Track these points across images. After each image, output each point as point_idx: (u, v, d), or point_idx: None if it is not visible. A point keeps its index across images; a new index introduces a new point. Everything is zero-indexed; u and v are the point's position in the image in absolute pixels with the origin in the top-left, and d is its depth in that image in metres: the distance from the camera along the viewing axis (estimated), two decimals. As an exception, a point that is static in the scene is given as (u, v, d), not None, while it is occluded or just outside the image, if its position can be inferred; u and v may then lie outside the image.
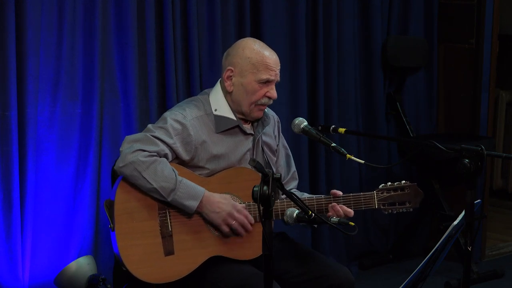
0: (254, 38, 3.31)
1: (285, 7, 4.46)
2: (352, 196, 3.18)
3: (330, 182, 4.67)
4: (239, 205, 3.09)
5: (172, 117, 3.14)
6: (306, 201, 3.16)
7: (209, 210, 3.06)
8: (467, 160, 2.74)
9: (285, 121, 4.08)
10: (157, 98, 3.94)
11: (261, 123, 3.28)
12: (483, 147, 2.75)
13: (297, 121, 3.21)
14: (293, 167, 3.45)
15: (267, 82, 3.18)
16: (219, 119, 3.19)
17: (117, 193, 3.06)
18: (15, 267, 3.54)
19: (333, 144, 3.10)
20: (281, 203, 3.12)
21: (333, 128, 3.18)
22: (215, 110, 3.20)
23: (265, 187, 2.49)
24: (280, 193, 3.05)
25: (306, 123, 3.20)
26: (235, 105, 3.20)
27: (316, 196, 3.21)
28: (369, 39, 4.92)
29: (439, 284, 4.63)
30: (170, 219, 3.09)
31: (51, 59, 3.62)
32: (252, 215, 3.13)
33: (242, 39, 3.30)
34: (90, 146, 3.73)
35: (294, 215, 2.84)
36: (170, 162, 3.11)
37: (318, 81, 4.62)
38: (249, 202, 3.12)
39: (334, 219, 2.85)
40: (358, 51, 4.88)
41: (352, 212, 3.15)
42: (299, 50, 4.51)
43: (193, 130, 3.14)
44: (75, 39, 3.67)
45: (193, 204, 3.04)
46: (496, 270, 4.87)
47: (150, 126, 3.15)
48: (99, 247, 3.81)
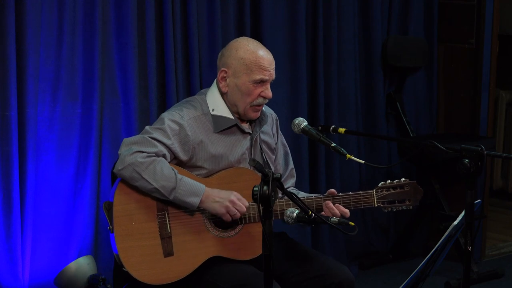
0: (248, 38, 3.29)
1: (285, 7, 4.46)
2: (352, 194, 3.17)
3: (330, 182, 4.67)
4: (240, 195, 3.08)
5: (170, 118, 3.14)
6: (305, 200, 3.16)
7: (210, 202, 3.06)
8: (467, 160, 2.74)
9: (285, 121, 4.09)
10: (157, 98, 3.94)
11: (258, 122, 3.27)
12: (483, 147, 2.75)
13: (297, 121, 3.21)
14: (291, 165, 3.44)
15: (262, 82, 3.16)
16: (217, 118, 3.19)
17: (115, 195, 3.06)
18: (15, 267, 3.54)
19: (333, 144, 3.10)
20: (281, 203, 3.12)
21: (333, 128, 3.18)
22: (213, 110, 3.20)
23: (265, 187, 2.49)
24: (279, 193, 3.05)
25: (306, 123, 3.20)
26: (231, 105, 3.20)
27: (315, 195, 3.21)
28: (369, 39, 4.92)
29: (439, 284, 4.63)
30: (169, 220, 3.08)
31: (51, 59, 3.62)
32: (252, 215, 3.12)
33: (235, 39, 3.28)
34: (90, 146, 3.73)
35: (294, 215, 2.84)
36: (169, 163, 3.10)
37: (318, 81, 4.62)
38: (248, 202, 3.12)
39: (334, 219, 2.85)
40: (358, 51, 4.88)
41: (348, 212, 3.14)
42: (299, 50, 4.51)
43: (191, 130, 3.13)
44: (75, 39, 3.67)
45: (195, 200, 3.04)
46: (496, 270, 4.87)
47: (147, 127, 3.14)
48: (99, 247, 3.81)
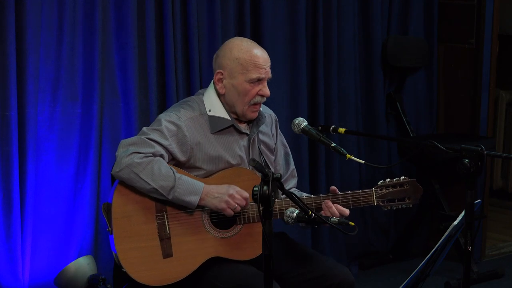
0: (242, 37, 3.28)
1: (285, 7, 4.46)
2: (351, 193, 3.17)
3: (330, 182, 4.67)
4: (239, 188, 3.07)
5: (167, 119, 3.13)
6: (305, 200, 3.15)
7: (210, 198, 3.05)
8: (467, 160, 2.74)
9: (285, 121, 4.09)
10: (157, 98, 3.94)
11: (256, 123, 3.26)
12: (483, 147, 2.75)
13: (297, 121, 3.21)
14: (292, 165, 3.44)
15: (258, 80, 3.16)
16: (214, 119, 3.18)
17: (114, 197, 3.06)
18: (15, 267, 3.54)
19: (333, 144, 3.10)
20: (280, 203, 3.12)
21: (333, 128, 3.18)
22: (209, 111, 3.19)
23: (265, 187, 2.49)
24: (279, 193, 3.05)
25: (306, 123, 3.19)
26: (229, 106, 3.20)
27: (314, 196, 3.20)
28: (369, 39, 4.92)
29: (439, 284, 4.63)
30: (168, 222, 3.08)
31: (51, 59, 3.62)
32: (252, 215, 3.12)
33: (229, 40, 3.26)
34: (90, 146, 3.73)
35: (294, 215, 2.84)
36: (167, 163, 3.10)
37: (318, 81, 4.62)
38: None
39: (334, 219, 2.85)
40: (358, 51, 4.88)
41: (348, 211, 3.14)
42: (299, 50, 4.51)
43: (188, 131, 3.13)
44: (75, 39, 3.67)
45: (194, 199, 3.04)
46: (496, 270, 4.87)
47: (145, 129, 3.14)
48: (99, 247, 3.81)
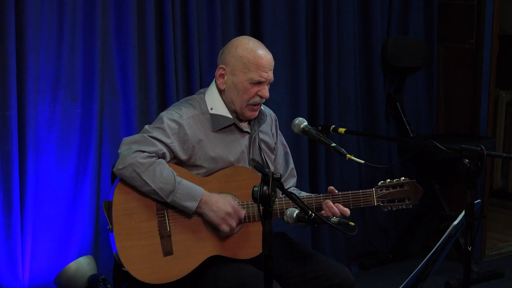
0: (250, 37, 3.28)
1: (285, 7, 4.47)
2: (351, 193, 3.16)
3: (330, 182, 4.67)
4: (236, 204, 3.09)
5: (169, 117, 3.14)
6: (305, 199, 3.16)
7: (208, 209, 3.06)
8: (467, 160, 2.74)
9: (285, 121, 4.09)
10: (157, 98, 3.94)
11: (257, 121, 3.27)
12: (483, 147, 2.75)
13: (297, 121, 3.21)
14: (291, 164, 3.44)
15: (259, 83, 3.16)
16: (215, 117, 3.19)
17: (115, 194, 3.06)
18: (15, 267, 3.54)
19: (333, 144, 3.10)
20: (280, 202, 3.12)
21: (333, 128, 3.18)
22: (211, 109, 3.20)
23: (265, 187, 2.49)
24: (279, 193, 3.05)
25: (306, 123, 3.19)
26: (229, 103, 3.20)
27: (314, 194, 3.20)
28: (369, 39, 4.92)
29: (439, 284, 4.63)
30: (168, 220, 3.08)
31: (51, 59, 3.62)
32: (251, 215, 3.13)
33: (237, 37, 3.28)
34: (90, 146, 3.73)
35: (294, 215, 2.84)
36: (168, 163, 3.10)
37: (318, 81, 4.62)
38: (248, 202, 3.12)
39: (334, 219, 2.85)
40: (358, 51, 4.88)
41: (349, 211, 3.14)
42: (299, 50, 4.51)
43: (190, 129, 3.13)
44: (75, 39, 3.67)
45: (192, 205, 3.04)
46: (496, 270, 4.87)
47: (147, 127, 3.15)
48: (99, 247, 3.81)
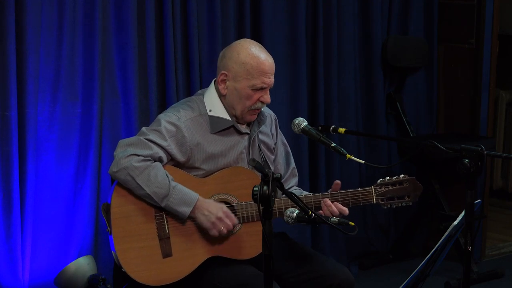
0: (251, 40, 3.25)
1: (285, 7, 4.46)
2: (350, 192, 3.16)
3: (330, 182, 4.64)
4: (229, 212, 3.07)
5: (166, 119, 3.13)
6: (303, 198, 3.15)
7: (200, 213, 3.05)
8: (467, 160, 2.74)
9: (285, 121, 4.09)
10: (157, 98, 3.94)
11: (257, 122, 3.26)
12: (483, 147, 2.75)
13: (297, 121, 3.21)
14: (293, 164, 3.44)
15: (261, 89, 3.15)
16: (214, 119, 3.18)
17: (113, 197, 3.06)
18: (15, 267, 3.54)
19: (333, 144, 3.10)
20: (279, 203, 3.12)
21: (333, 128, 3.18)
22: (210, 111, 3.19)
23: (265, 187, 2.49)
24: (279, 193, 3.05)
25: (306, 123, 3.19)
26: (229, 107, 3.20)
27: (314, 194, 3.20)
28: (369, 39, 4.92)
29: (439, 284, 4.63)
30: (167, 221, 3.08)
31: (51, 59, 3.62)
32: (250, 214, 3.12)
33: (238, 41, 3.24)
34: (90, 146, 3.73)
35: (294, 215, 2.84)
36: (165, 164, 3.10)
37: (318, 81, 4.62)
38: (246, 202, 3.12)
39: (334, 219, 2.85)
40: (358, 51, 4.88)
41: (347, 211, 3.13)
42: (299, 50, 4.51)
43: (188, 131, 3.13)
44: (75, 39, 3.67)
45: (186, 210, 3.03)
46: (496, 270, 4.87)
47: (144, 129, 3.13)
48: (99, 247, 3.81)
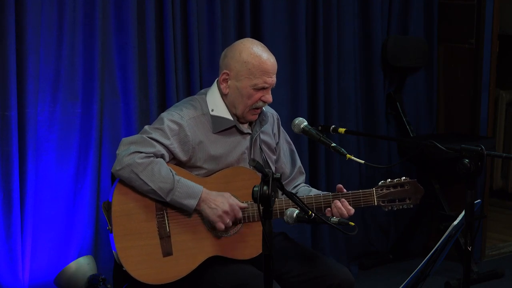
0: (253, 40, 3.26)
1: (285, 7, 4.46)
2: (351, 193, 3.16)
3: (330, 182, 4.68)
4: (235, 204, 3.08)
5: (169, 118, 3.13)
6: (312, 199, 3.15)
7: (206, 206, 3.06)
8: (467, 160, 2.74)
9: (285, 121, 4.07)
10: (157, 98, 3.94)
11: (258, 122, 3.26)
12: (483, 147, 2.75)
13: (297, 121, 3.21)
14: (298, 162, 3.43)
15: (263, 89, 3.15)
16: (216, 119, 3.18)
17: (114, 195, 3.06)
18: (15, 267, 3.54)
19: (333, 144, 3.10)
20: (280, 203, 3.12)
21: (333, 128, 3.18)
22: (212, 110, 3.19)
23: (265, 187, 2.49)
24: (280, 193, 3.05)
25: (306, 123, 3.20)
26: (230, 106, 3.20)
27: (323, 193, 3.20)
28: (369, 39, 4.92)
29: (439, 284, 4.63)
30: (168, 220, 3.08)
31: (51, 59, 3.62)
32: (251, 215, 3.12)
33: (241, 41, 3.24)
34: (90, 146, 3.73)
35: (294, 215, 2.84)
36: (167, 163, 3.10)
37: (318, 81, 4.62)
38: (247, 202, 3.12)
39: (334, 219, 2.85)
40: (358, 51, 4.88)
41: (353, 210, 3.13)
42: (299, 50, 4.51)
43: (190, 130, 3.13)
44: (75, 39, 3.67)
45: (192, 202, 3.04)
46: (496, 270, 4.87)
47: (146, 127, 3.14)
48: (99, 247, 3.81)
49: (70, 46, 3.66)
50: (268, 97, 3.17)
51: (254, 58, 3.13)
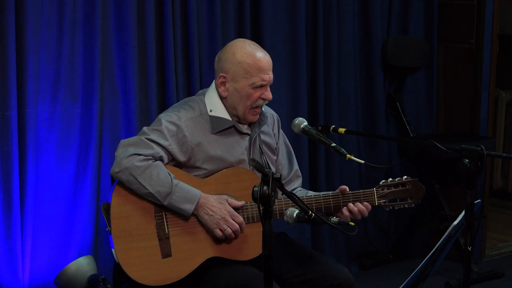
0: (244, 39, 3.25)
1: (285, 7, 4.46)
2: (352, 193, 3.16)
3: (330, 182, 4.68)
4: (234, 211, 3.08)
5: (167, 119, 3.13)
6: (313, 199, 3.15)
7: (203, 212, 3.06)
8: (467, 160, 2.74)
9: (285, 121, 4.08)
10: (157, 98, 3.94)
11: (257, 123, 3.26)
12: (483, 147, 2.75)
13: (297, 121, 3.21)
14: (296, 165, 3.42)
15: (261, 86, 3.14)
16: (215, 119, 3.18)
17: (113, 197, 3.06)
18: (15, 267, 3.54)
19: (333, 144, 3.10)
20: (279, 203, 3.12)
21: (333, 128, 3.18)
22: (210, 111, 3.18)
23: (265, 187, 2.49)
24: (280, 193, 3.05)
25: (306, 123, 3.19)
26: (231, 108, 3.19)
27: (323, 193, 3.19)
28: (369, 39, 4.92)
29: (439, 284, 4.63)
30: (166, 221, 3.08)
31: (51, 59, 3.62)
32: (251, 215, 3.12)
33: (232, 42, 3.23)
34: (90, 146, 3.73)
35: (294, 215, 2.84)
36: (166, 165, 3.10)
37: (318, 81, 4.62)
38: (247, 202, 3.12)
39: (334, 219, 2.84)
40: (358, 51, 4.88)
41: (370, 206, 3.13)
42: (299, 50, 4.51)
43: (188, 131, 3.12)
44: (75, 39, 3.67)
45: (189, 207, 3.04)
46: (496, 270, 4.87)
47: (145, 129, 3.13)
48: (99, 247, 3.81)
49: (70, 46, 3.66)
50: (268, 94, 3.16)
51: (249, 57, 3.12)
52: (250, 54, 3.13)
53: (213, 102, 3.20)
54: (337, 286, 3.11)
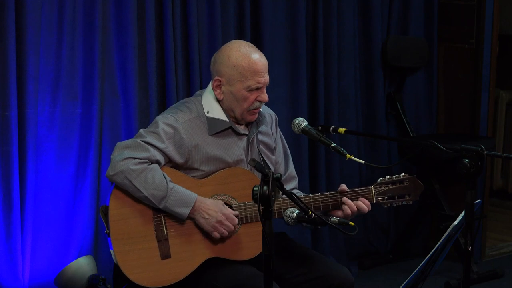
0: (240, 41, 3.23)
1: (285, 7, 4.46)
2: (349, 191, 3.15)
3: (330, 182, 4.67)
4: (229, 212, 3.08)
5: (164, 121, 3.12)
6: (311, 198, 3.14)
7: (200, 216, 3.05)
8: (467, 160, 2.74)
9: (285, 121, 4.09)
10: (157, 98, 3.94)
11: (255, 123, 3.24)
12: (483, 147, 2.75)
13: (297, 121, 3.20)
14: (291, 166, 3.41)
15: (257, 89, 3.13)
16: (212, 121, 3.17)
17: (111, 199, 3.06)
18: (15, 267, 3.54)
19: (333, 144, 3.09)
20: (278, 203, 3.11)
21: (333, 128, 3.17)
22: (207, 112, 3.17)
23: (265, 187, 2.49)
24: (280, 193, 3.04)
25: (306, 123, 3.19)
26: (227, 110, 3.19)
27: (313, 194, 3.19)
28: (369, 39, 4.92)
29: (439, 284, 4.63)
30: (165, 223, 3.08)
31: (51, 59, 3.62)
32: (250, 215, 3.12)
33: (227, 44, 3.20)
34: (90, 146, 3.73)
35: (294, 215, 2.84)
36: (164, 166, 3.09)
37: (318, 81, 4.62)
38: (245, 202, 3.12)
39: (334, 219, 2.84)
40: (358, 51, 4.87)
41: (368, 203, 3.12)
42: (299, 50, 4.51)
43: (186, 133, 3.12)
44: (75, 39, 3.67)
45: (185, 211, 3.03)
46: (496, 270, 4.87)
47: (141, 131, 3.12)
48: (99, 247, 3.81)
49: (70, 46, 3.66)
50: (264, 96, 3.15)
51: (243, 60, 3.10)
52: (245, 56, 3.11)
53: (210, 103, 3.19)
54: (337, 286, 3.10)
